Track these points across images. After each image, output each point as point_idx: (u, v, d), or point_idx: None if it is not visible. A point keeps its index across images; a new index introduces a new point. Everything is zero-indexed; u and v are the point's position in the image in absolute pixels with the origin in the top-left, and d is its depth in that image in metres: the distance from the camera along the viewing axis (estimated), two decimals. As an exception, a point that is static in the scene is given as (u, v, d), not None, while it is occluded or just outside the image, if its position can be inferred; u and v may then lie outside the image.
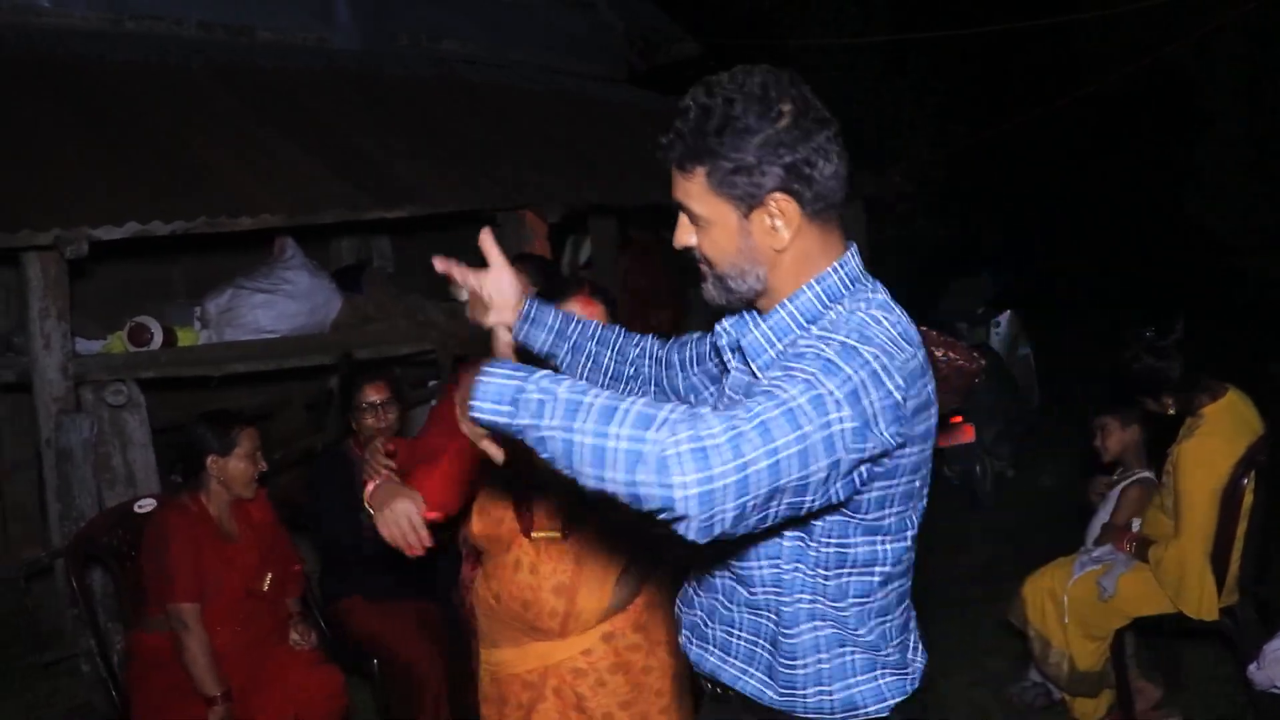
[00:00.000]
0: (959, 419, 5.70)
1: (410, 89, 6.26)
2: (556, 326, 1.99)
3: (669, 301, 7.15)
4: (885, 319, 1.56)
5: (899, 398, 1.49)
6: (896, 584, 1.70)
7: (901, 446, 1.53)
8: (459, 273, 1.94)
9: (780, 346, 1.64)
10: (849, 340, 1.48)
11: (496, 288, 1.93)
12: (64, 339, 4.17)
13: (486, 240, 1.91)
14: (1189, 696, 4.02)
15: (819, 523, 1.62)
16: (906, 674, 1.73)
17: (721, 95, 1.56)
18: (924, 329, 2.06)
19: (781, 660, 1.69)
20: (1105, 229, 13.89)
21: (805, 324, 1.61)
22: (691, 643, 1.86)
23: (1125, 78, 12.28)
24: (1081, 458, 4.30)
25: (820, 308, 1.61)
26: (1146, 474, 3.97)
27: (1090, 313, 10.20)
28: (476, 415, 1.49)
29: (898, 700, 1.70)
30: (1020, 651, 4.10)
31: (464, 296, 2.05)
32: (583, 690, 2.52)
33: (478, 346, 2.81)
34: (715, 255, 1.64)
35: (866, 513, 1.60)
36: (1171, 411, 3.64)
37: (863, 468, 1.50)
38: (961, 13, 11.29)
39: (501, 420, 1.47)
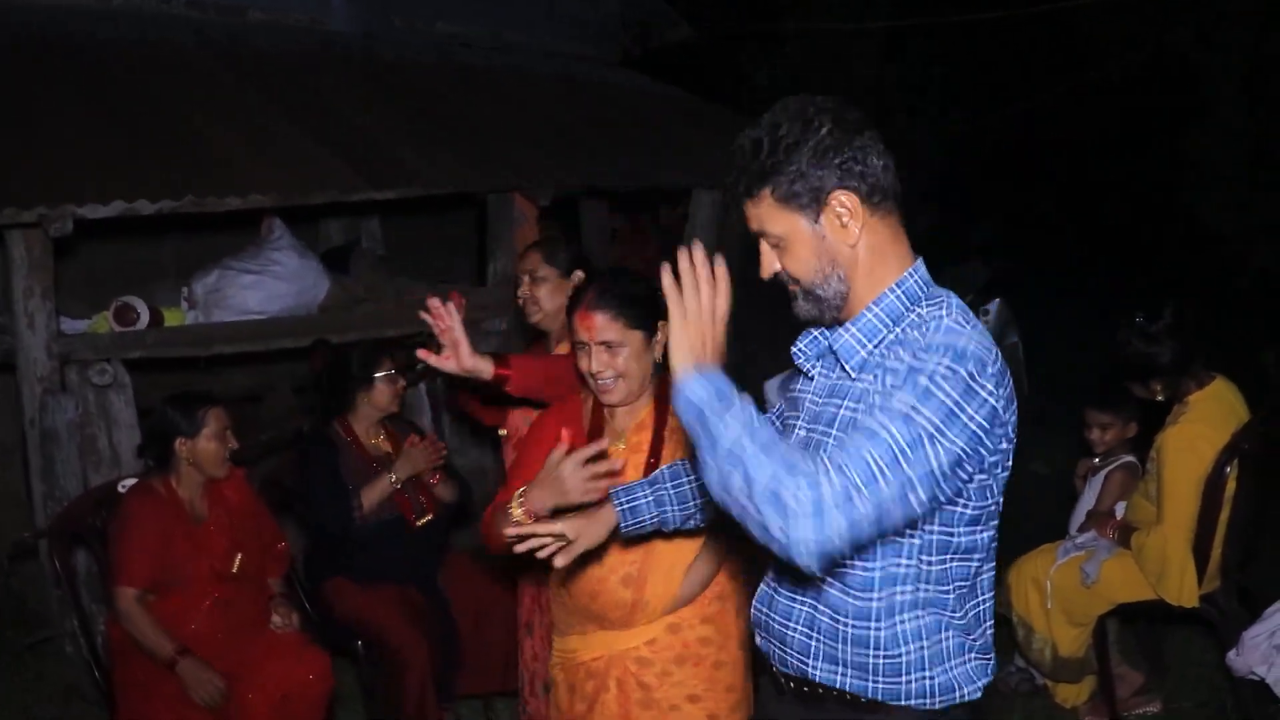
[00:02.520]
0: None
1: (404, 71, 6.21)
2: (650, 497, 2.19)
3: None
4: (967, 323, 1.70)
5: (994, 404, 1.64)
6: (988, 568, 1.81)
7: (1005, 442, 1.70)
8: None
9: (871, 347, 1.76)
10: (944, 361, 1.61)
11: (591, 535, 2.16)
12: (49, 318, 4.13)
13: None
14: (1170, 682, 4.04)
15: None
16: (989, 657, 1.83)
17: (766, 124, 1.73)
18: None
19: (877, 652, 1.76)
20: (1100, 217, 13.85)
21: (892, 324, 1.75)
22: (772, 642, 1.91)
23: (1125, 66, 12.22)
24: (1077, 445, 4.30)
25: (903, 309, 1.75)
26: (1130, 458, 3.97)
27: (1083, 301, 10.18)
28: (677, 409, 1.58)
29: (985, 681, 1.80)
30: (1004, 638, 4.10)
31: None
32: (648, 680, 2.50)
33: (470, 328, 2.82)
34: (799, 270, 1.76)
35: (970, 501, 1.71)
36: (1160, 397, 3.64)
37: (968, 466, 1.65)
38: (960, -1, 11.22)
39: (689, 421, 1.57)
